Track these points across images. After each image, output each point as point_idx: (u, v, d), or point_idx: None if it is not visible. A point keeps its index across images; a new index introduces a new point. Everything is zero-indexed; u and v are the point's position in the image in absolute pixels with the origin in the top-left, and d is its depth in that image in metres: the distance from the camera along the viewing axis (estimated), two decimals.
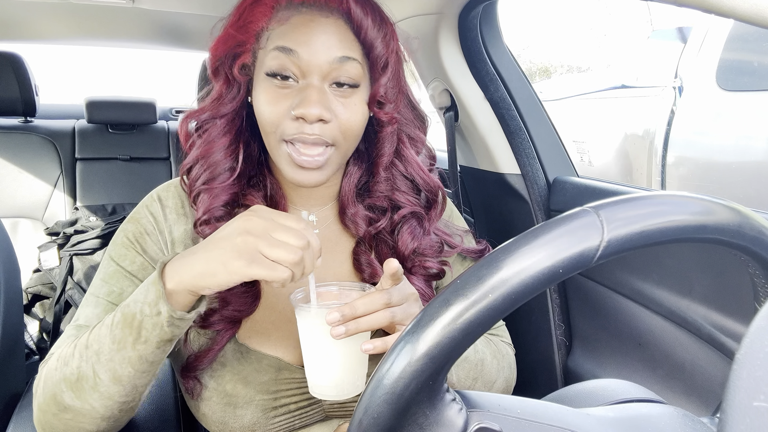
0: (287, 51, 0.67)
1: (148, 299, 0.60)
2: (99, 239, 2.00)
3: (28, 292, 1.97)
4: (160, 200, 0.78)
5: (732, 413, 0.29)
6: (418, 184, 0.82)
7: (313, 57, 0.67)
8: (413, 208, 0.81)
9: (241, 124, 0.76)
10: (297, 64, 0.68)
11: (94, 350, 0.62)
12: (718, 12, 0.54)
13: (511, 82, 1.27)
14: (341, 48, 0.68)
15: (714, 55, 2.72)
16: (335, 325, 0.59)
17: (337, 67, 0.68)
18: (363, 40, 0.70)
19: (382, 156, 0.79)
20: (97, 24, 1.69)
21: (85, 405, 0.63)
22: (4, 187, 2.12)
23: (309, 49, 0.67)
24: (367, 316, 0.60)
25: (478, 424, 0.40)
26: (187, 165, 0.77)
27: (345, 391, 0.64)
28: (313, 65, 0.67)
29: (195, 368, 0.73)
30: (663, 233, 0.37)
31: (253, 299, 0.75)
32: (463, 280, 0.37)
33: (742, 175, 2.52)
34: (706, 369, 0.90)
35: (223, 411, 0.73)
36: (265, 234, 0.57)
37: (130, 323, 0.60)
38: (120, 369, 0.61)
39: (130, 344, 0.60)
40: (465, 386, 0.74)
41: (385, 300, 0.61)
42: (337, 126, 0.69)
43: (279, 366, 0.74)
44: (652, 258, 0.99)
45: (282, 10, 0.70)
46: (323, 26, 0.68)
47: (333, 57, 0.67)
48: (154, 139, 2.41)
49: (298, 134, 0.68)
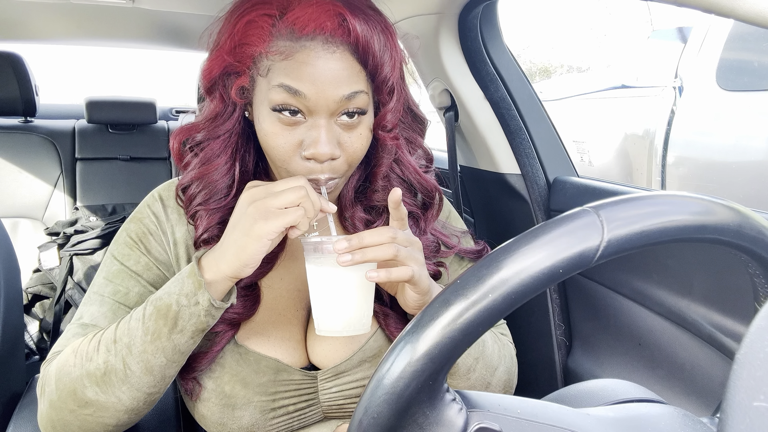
0: (293, 91, 0.64)
1: (185, 290, 0.63)
2: (99, 239, 2.01)
3: (28, 292, 1.97)
4: (162, 200, 0.78)
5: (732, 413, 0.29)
6: (415, 187, 0.82)
7: (321, 97, 0.64)
8: (409, 209, 0.81)
9: (237, 140, 0.74)
10: (304, 103, 0.65)
11: (124, 343, 0.65)
12: (718, 12, 0.54)
13: (511, 82, 1.27)
14: (349, 84, 0.65)
15: (714, 55, 2.72)
16: (342, 252, 0.61)
17: (346, 103, 0.66)
18: (370, 68, 0.68)
19: (381, 167, 0.78)
20: (97, 24, 1.69)
21: (111, 398, 0.64)
22: (4, 187, 2.12)
23: (316, 89, 0.64)
24: (373, 247, 0.62)
25: (478, 424, 0.40)
26: (183, 185, 0.75)
27: (352, 326, 0.66)
28: (321, 105, 0.65)
29: (194, 369, 0.73)
30: (663, 233, 0.37)
31: (253, 302, 0.75)
32: (463, 280, 0.37)
33: (742, 175, 2.52)
34: (706, 369, 0.90)
35: (221, 412, 0.73)
36: (267, 193, 0.62)
37: (165, 314, 0.63)
38: (153, 359, 0.64)
39: (165, 335, 0.64)
40: (466, 365, 0.74)
41: (391, 234, 0.63)
42: (345, 159, 0.69)
43: (278, 368, 0.74)
44: (652, 258, 0.99)
45: (282, 39, 0.65)
46: (330, 63, 0.64)
47: (341, 95, 0.65)
48: (154, 139, 2.42)
49: (310, 175, 0.67)
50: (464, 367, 0.74)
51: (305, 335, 0.79)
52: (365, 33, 0.65)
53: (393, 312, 0.77)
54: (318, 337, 0.77)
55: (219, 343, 0.73)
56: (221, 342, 0.73)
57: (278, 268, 0.79)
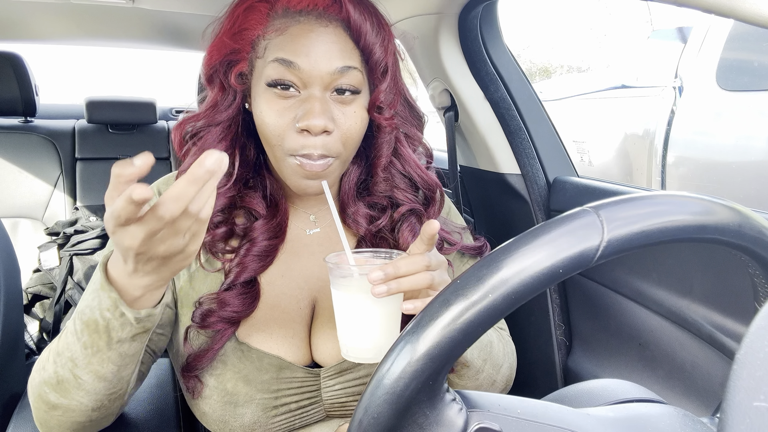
0: (287, 63, 0.66)
1: (104, 305, 0.56)
2: (99, 239, 2.00)
3: (28, 292, 1.97)
4: (160, 193, 0.78)
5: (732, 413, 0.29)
6: (416, 182, 0.82)
7: (314, 68, 0.66)
8: (412, 205, 0.81)
9: (237, 129, 0.76)
10: (298, 75, 0.67)
11: (67, 357, 0.61)
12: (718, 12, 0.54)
13: (511, 82, 1.27)
14: (342, 58, 0.68)
15: (714, 54, 2.72)
16: (377, 284, 0.58)
17: (339, 76, 0.68)
18: (362, 47, 0.70)
19: (381, 158, 0.79)
20: (97, 24, 1.69)
21: (73, 402, 0.63)
22: (4, 187, 2.12)
23: (309, 61, 0.66)
24: (409, 277, 0.60)
25: (478, 424, 0.40)
26: (183, 172, 0.75)
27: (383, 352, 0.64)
28: (315, 76, 0.67)
29: (195, 368, 0.73)
30: (663, 233, 0.37)
31: (252, 299, 0.75)
32: (463, 280, 0.37)
33: (742, 175, 2.51)
34: (706, 369, 0.90)
35: (223, 409, 0.73)
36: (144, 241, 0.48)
37: (95, 329, 0.57)
38: (102, 369, 0.60)
39: (104, 347, 0.58)
40: (476, 367, 0.74)
41: (426, 262, 0.61)
42: (339, 136, 0.69)
43: (280, 365, 0.74)
44: (652, 258, 0.99)
45: (278, 18, 0.69)
46: (323, 36, 0.67)
47: (334, 67, 0.67)
48: (154, 139, 2.42)
49: (303, 150, 0.68)
50: (474, 369, 0.75)
51: (309, 333, 0.79)
52: (358, 10, 0.68)
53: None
54: (322, 335, 0.77)
55: (219, 341, 0.73)
56: (221, 339, 0.73)
57: (279, 264, 0.79)
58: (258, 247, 0.75)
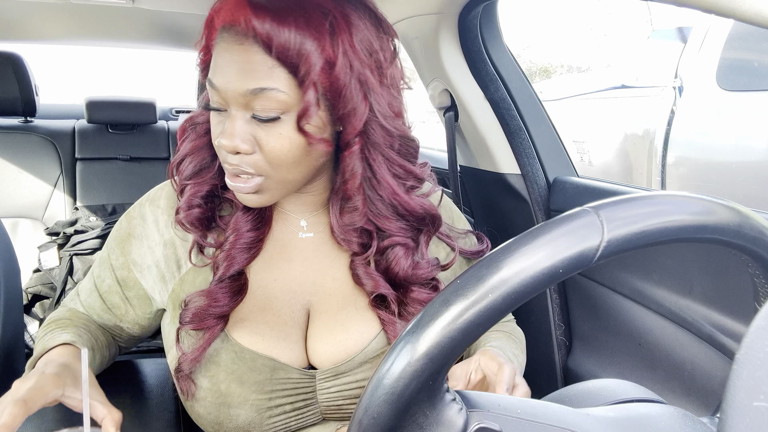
0: (210, 82, 0.66)
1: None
2: (99, 239, 2.00)
3: (28, 292, 1.97)
4: (154, 201, 0.79)
5: (732, 413, 0.29)
6: (398, 210, 0.75)
7: (228, 89, 0.63)
8: (396, 238, 0.76)
9: None
10: (218, 94, 0.65)
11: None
12: (718, 12, 0.54)
13: (511, 82, 1.27)
14: (255, 79, 0.62)
15: (714, 54, 2.72)
16: None
17: (252, 98, 0.63)
18: (284, 61, 0.62)
19: (347, 181, 0.72)
20: (97, 24, 1.69)
21: None
22: (4, 187, 2.12)
23: (224, 80, 0.64)
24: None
25: (478, 424, 0.40)
26: (176, 161, 0.77)
27: None
28: (230, 97, 0.64)
29: (187, 369, 0.73)
30: (663, 233, 0.37)
31: (237, 291, 0.74)
32: (463, 280, 0.37)
33: (742, 175, 2.51)
34: (706, 369, 0.90)
35: (217, 411, 0.73)
36: None
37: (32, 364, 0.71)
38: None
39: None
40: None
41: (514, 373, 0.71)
42: (262, 157, 0.66)
43: (274, 366, 0.74)
44: (652, 258, 0.99)
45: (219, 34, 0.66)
46: (237, 55, 0.63)
47: (245, 89, 0.62)
48: (154, 139, 2.41)
49: (224, 166, 0.69)
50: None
51: (304, 337, 0.78)
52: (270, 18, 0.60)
53: (400, 320, 0.77)
54: (319, 338, 0.77)
55: (208, 338, 0.72)
56: (210, 337, 0.72)
57: (272, 269, 0.78)
58: (244, 238, 0.75)
